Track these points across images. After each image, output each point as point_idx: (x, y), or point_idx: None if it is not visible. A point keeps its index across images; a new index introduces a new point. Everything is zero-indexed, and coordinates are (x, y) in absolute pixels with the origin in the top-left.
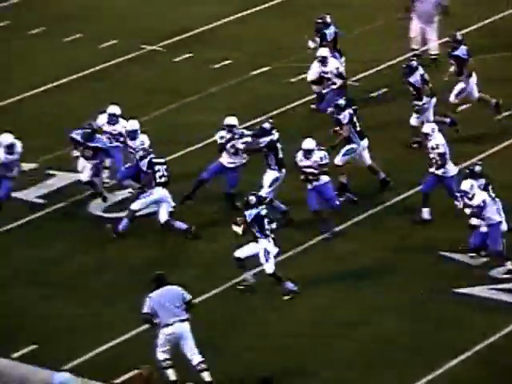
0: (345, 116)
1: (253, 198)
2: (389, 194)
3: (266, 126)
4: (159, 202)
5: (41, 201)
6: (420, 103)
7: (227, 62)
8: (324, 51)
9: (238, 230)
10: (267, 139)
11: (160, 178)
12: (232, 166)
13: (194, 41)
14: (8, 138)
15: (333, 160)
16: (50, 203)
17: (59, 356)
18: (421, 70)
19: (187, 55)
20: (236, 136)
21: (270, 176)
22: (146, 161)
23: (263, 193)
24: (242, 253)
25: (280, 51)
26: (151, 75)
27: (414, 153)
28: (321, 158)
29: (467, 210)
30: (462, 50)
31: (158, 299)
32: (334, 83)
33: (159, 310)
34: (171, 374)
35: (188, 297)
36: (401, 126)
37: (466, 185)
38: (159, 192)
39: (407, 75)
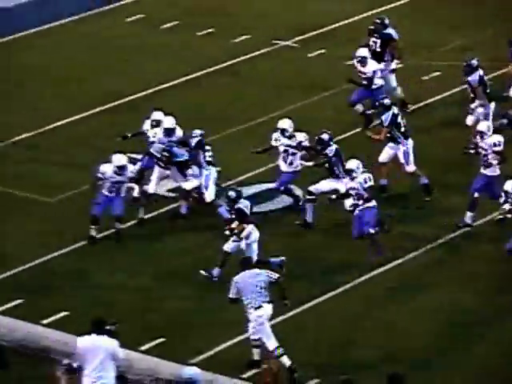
0: (387, 116)
1: (232, 193)
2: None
3: (325, 137)
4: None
5: (171, 194)
6: (473, 105)
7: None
8: (363, 51)
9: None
10: (332, 149)
11: (210, 157)
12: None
13: (327, 37)
14: (121, 159)
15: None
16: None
17: (187, 350)
18: (480, 71)
19: (320, 51)
20: (293, 145)
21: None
22: (196, 140)
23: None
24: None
25: (412, 48)
26: (283, 71)
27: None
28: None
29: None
30: None
31: (244, 282)
32: (375, 83)
33: (246, 293)
34: (256, 354)
35: (274, 277)
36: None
37: (509, 185)
38: (213, 171)
39: (466, 74)
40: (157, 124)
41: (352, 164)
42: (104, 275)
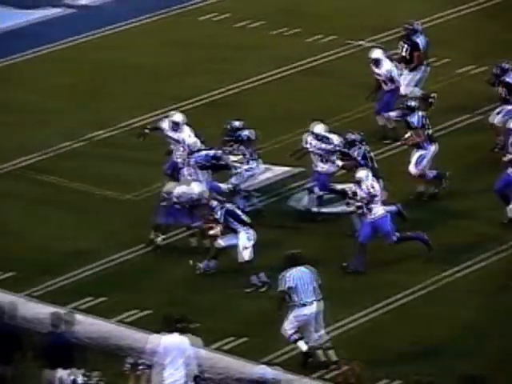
0: (417, 119)
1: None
2: None
3: (356, 137)
4: None
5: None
6: (509, 107)
7: (445, 60)
8: (377, 53)
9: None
10: (360, 151)
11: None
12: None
13: None
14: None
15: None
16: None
17: (259, 349)
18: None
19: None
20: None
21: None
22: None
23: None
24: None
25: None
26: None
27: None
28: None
29: None
30: None
31: (297, 278)
32: (387, 85)
33: (298, 289)
34: (303, 345)
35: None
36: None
37: None
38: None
39: (499, 76)
40: (176, 126)
41: (361, 174)
42: (180, 273)
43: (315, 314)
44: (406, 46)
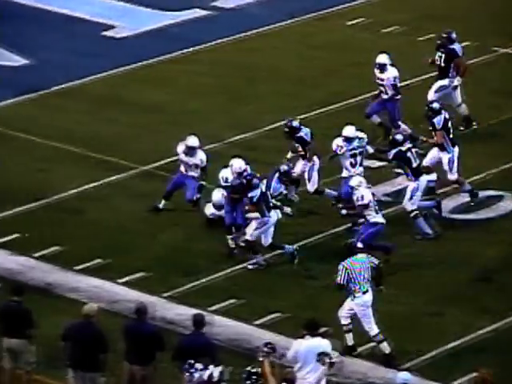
0: (439, 120)
1: (256, 181)
2: None
3: (399, 137)
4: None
5: (388, 198)
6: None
7: None
8: (383, 58)
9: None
10: (394, 151)
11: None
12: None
13: None
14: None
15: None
16: (396, 202)
17: (398, 355)
18: None
19: None
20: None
21: (409, 187)
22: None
23: (404, 205)
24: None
25: None
26: (503, 78)
27: None
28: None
29: None
30: None
31: (353, 267)
32: (387, 93)
33: (354, 278)
34: (350, 339)
35: (375, 262)
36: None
37: None
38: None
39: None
40: (189, 152)
41: (354, 181)
42: (316, 277)
43: (370, 302)
44: (443, 55)
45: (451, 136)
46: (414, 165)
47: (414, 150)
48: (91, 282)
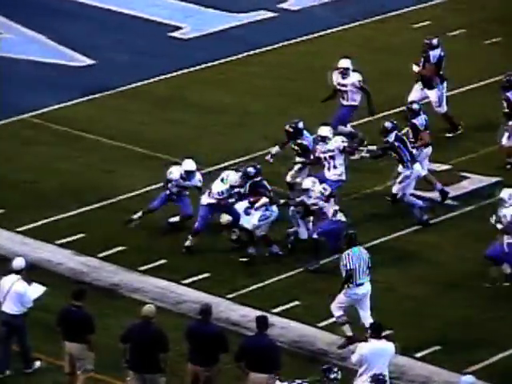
0: (422, 122)
1: (251, 170)
2: None
3: (388, 125)
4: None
5: (454, 202)
6: (510, 123)
7: None
8: (345, 62)
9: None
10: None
11: None
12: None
13: None
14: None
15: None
16: (463, 205)
17: (461, 359)
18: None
19: None
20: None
21: (403, 173)
22: None
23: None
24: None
25: None
26: None
27: None
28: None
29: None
30: None
31: (355, 257)
32: (347, 99)
33: (356, 269)
34: (348, 330)
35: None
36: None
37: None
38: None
39: (505, 90)
40: (187, 176)
41: (307, 183)
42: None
43: (366, 294)
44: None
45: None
46: (410, 148)
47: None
48: (155, 283)
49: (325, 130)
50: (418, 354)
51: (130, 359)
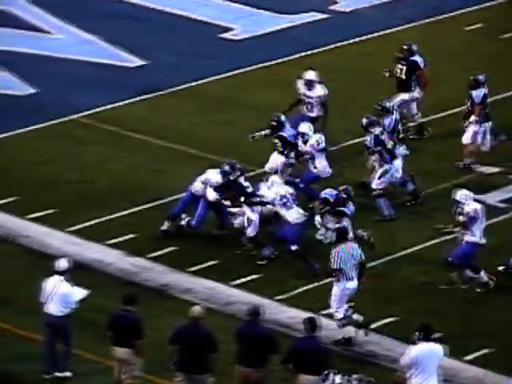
0: (390, 122)
1: (226, 168)
2: None
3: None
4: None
5: (502, 205)
6: (469, 120)
7: None
8: (311, 74)
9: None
10: (372, 138)
11: None
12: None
13: None
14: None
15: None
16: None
17: (510, 362)
18: (486, 89)
19: None
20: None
21: (381, 168)
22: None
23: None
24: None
25: None
26: None
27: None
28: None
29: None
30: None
31: (345, 253)
32: (312, 111)
33: (346, 264)
34: (358, 317)
35: (363, 257)
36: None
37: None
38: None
39: (471, 88)
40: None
41: (304, 127)
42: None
43: (356, 288)
44: (403, 67)
45: (400, 136)
46: (389, 146)
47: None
48: (205, 284)
49: (304, 127)
50: (468, 357)
51: (178, 360)
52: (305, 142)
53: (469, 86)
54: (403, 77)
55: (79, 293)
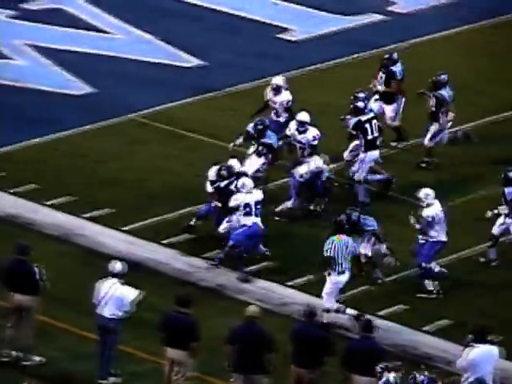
0: (353, 122)
1: (224, 173)
2: None
3: (361, 105)
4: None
5: None
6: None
7: None
8: (279, 79)
9: None
10: (354, 120)
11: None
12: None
13: None
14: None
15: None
16: None
17: None
18: (450, 91)
19: None
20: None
21: (359, 158)
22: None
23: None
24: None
25: None
26: None
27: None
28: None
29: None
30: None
31: (339, 246)
32: (279, 115)
33: (338, 256)
34: (351, 311)
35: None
36: None
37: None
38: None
39: (436, 88)
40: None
41: (240, 182)
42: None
43: (341, 284)
44: (383, 75)
45: (369, 138)
46: (369, 137)
47: (374, 122)
48: (260, 284)
49: (303, 116)
50: None
51: (234, 360)
52: (300, 133)
53: (433, 85)
54: (381, 86)
55: (132, 293)
